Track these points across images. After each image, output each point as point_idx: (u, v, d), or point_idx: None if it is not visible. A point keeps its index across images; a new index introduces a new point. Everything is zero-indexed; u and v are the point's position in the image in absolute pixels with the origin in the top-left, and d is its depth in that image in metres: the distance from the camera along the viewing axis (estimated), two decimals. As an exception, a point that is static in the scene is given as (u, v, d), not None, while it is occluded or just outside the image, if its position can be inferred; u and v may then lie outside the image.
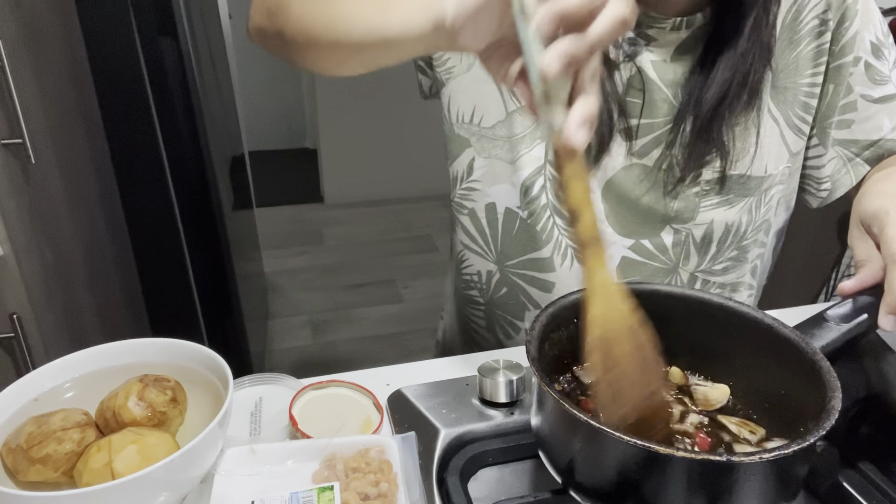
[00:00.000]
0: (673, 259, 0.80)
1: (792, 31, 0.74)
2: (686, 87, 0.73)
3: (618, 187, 0.77)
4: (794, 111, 0.76)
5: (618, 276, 0.79)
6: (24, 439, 0.52)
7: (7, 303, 1.06)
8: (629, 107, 0.74)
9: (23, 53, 1.10)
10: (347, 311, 2.69)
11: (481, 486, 0.62)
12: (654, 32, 0.73)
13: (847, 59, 0.75)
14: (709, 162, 0.75)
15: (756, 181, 0.77)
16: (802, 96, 0.76)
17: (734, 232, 0.80)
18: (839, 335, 0.56)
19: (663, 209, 0.77)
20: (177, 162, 1.51)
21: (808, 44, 0.74)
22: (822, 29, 0.74)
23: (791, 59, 0.74)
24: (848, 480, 0.56)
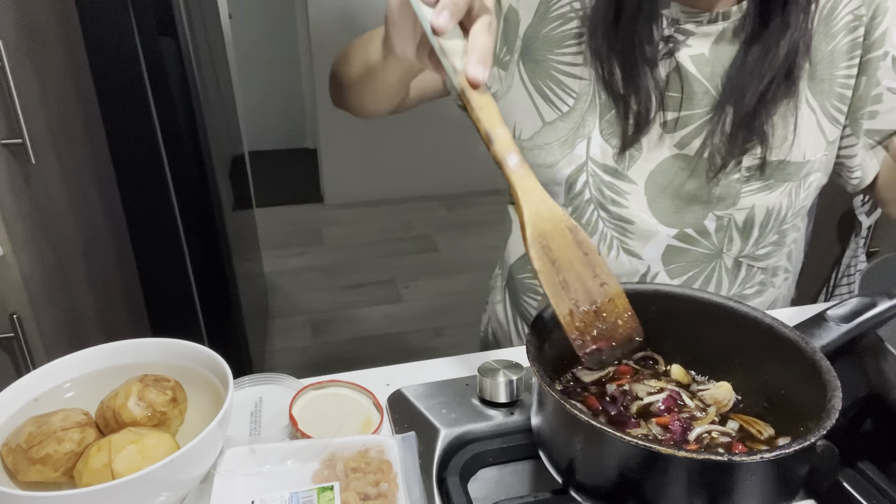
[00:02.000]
0: (717, 244, 0.82)
1: (827, 25, 0.77)
2: (726, 79, 0.76)
3: (660, 178, 0.79)
4: (830, 102, 0.79)
5: (661, 262, 0.82)
6: (24, 439, 0.52)
7: (7, 303, 1.06)
8: (669, 100, 0.77)
9: (23, 53, 1.10)
10: (347, 311, 2.69)
11: (481, 486, 0.62)
12: (691, 27, 0.75)
13: (878, 54, 0.77)
14: (749, 149, 0.77)
15: (795, 167, 0.79)
16: (838, 87, 0.79)
17: (775, 216, 0.82)
18: (839, 335, 0.56)
19: (706, 196, 0.79)
20: (177, 162, 1.51)
21: (843, 38, 0.77)
22: (856, 24, 0.77)
23: (827, 51, 0.77)
24: (848, 480, 0.56)
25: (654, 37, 0.75)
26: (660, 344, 0.64)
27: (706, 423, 0.57)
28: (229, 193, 1.88)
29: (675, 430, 0.56)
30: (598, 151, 0.79)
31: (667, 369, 0.64)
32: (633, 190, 0.80)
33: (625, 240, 0.81)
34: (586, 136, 0.79)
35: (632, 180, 0.79)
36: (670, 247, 0.81)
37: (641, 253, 0.81)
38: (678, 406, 0.59)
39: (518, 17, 0.80)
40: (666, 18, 0.76)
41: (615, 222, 0.81)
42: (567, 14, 0.79)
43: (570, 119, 0.80)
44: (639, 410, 0.59)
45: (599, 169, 0.80)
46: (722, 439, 0.55)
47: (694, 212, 0.80)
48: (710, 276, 0.83)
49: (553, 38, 0.79)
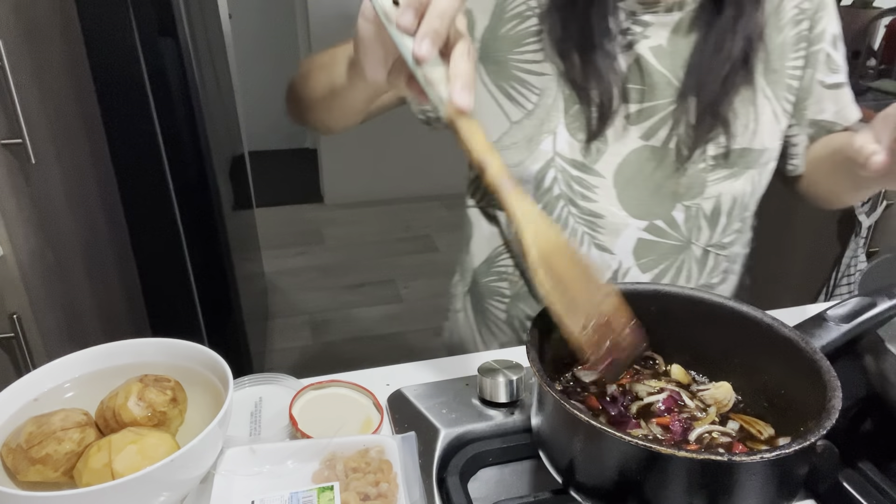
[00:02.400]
0: (685, 235, 0.83)
1: (777, 17, 0.80)
2: (686, 69, 0.77)
3: (628, 170, 0.80)
4: (782, 92, 0.82)
5: (633, 256, 0.82)
6: (24, 439, 0.52)
7: (7, 303, 1.06)
8: (631, 92, 0.78)
9: (23, 53, 1.10)
10: (347, 311, 2.69)
11: (481, 486, 0.62)
12: (648, 18, 0.77)
13: (818, 47, 0.82)
14: (713, 138, 0.78)
15: (757, 154, 0.81)
16: (787, 78, 0.82)
17: (740, 203, 0.83)
18: (839, 335, 0.56)
19: (673, 187, 0.80)
20: (177, 162, 1.50)
21: (791, 30, 0.81)
22: (801, 17, 0.81)
23: (778, 43, 0.80)
24: (848, 480, 0.56)
25: (612, 29, 0.77)
26: (660, 344, 0.64)
27: (706, 423, 0.57)
28: (229, 193, 1.88)
29: (675, 431, 0.56)
30: (564, 146, 0.79)
31: (667, 369, 0.64)
32: (601, 184, 0.80)
33: (595, 235, 0.82)
34: (552, 131, 0.79)
35: (600, 174, 0.80)
36: (641, 240, 0.82)
37: (612, 247, 0.82)
38: (678, 406, 0.59)
39: (473, 20, 0.79)
40: (623, 11, 0.77)
41: (585, 217, 0.81)
42: (524, 13, 0.78)
43: (535, 116, 0.80)
44: (639, 410, 0.59)
45: (567, 164, 0.80)
46: (722, 439, 0.55)
47: (663, 203, 0.81)
48: (680, 268, 0.84)
49: (512, 37, 0.79)
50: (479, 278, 0.94)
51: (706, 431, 0.56)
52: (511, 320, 0.92)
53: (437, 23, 0.50)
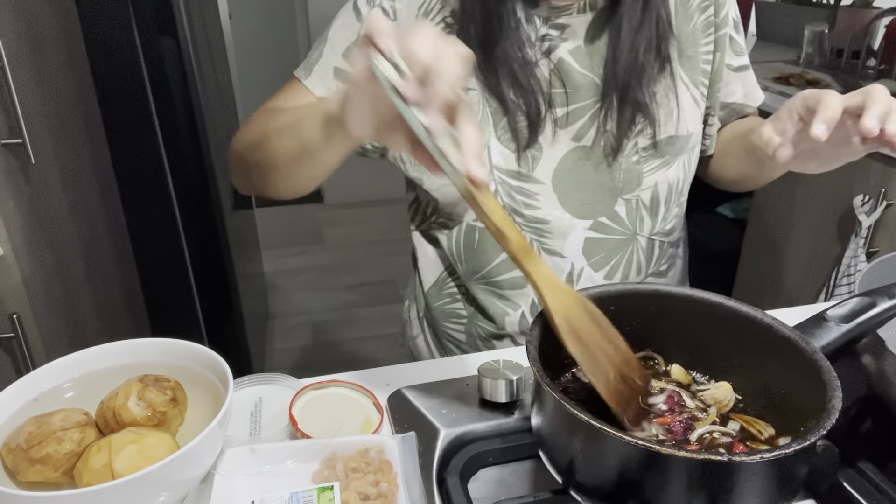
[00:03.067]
0: (630, 227, 0.85)
1: (684, 6, 0.83)
2: (604, 66, 0.79)
3: (565, 173, 0.81)
4: (697, 77, 0.85)
5: (583, 256, 0.84)
6: (24, 439, 0.52)
7: (7, 303, 1.06)
8: (556, 98, 0.80)
9: (23, 53, 1.10)
10: (347, 311, 2.69)
11: (481, 486, 0.62)
12: (563, 20, 0.78)
13: (723, 31, 0.85)
14: (640, 130, 0.81)
15: (683, 140, 0.84)
16: (701, 63, 0.85)
17: (676, 189, 0.86)
18: (839, 335, 0.56)
19: (611, 183, 0.82)
20: (177, 162, 1.51)
21: (699, 16, 0.84)
22: (707, 4, 0.84)
23: (689, 30, 0.83)
24: (848, 480, 0.56)
25: (531, 37, 0.78)
26: (660, 344, 0.64)
27: (707, 423, 0.57)
28: (229, 193, 1.88)
29: (676, 431, 0.56)
30: (500, 158, 0.80)
31: (667, 369, 0.64)
32: (541, 190, 0.81)
33: (544, 240, 0.83)
34: (485, 145, 0.79)
35: (538, 180, 0.81)
36: (588, 239, 0.83)
37: (562, 250, 0.83)
38: (679, 406, 0.59)
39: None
40: (538, 17, 0.78)
41: (531, 225, 0.82)
42: (443, 30, 0.78)
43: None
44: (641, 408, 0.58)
45: (505, 175, 0.80)
46: (723, 440, 0.55)
47: (604, 200, 0.82)
48: (630, 261, 0.86)
49: None
50: (431, 302, 0.95)
51: (707, 432, 0.56)
52: (472, 340, 0.93)
53: (448, 93, 0.48)
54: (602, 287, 0.62)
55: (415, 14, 0.79)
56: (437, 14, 0.79)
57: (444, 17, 0.79)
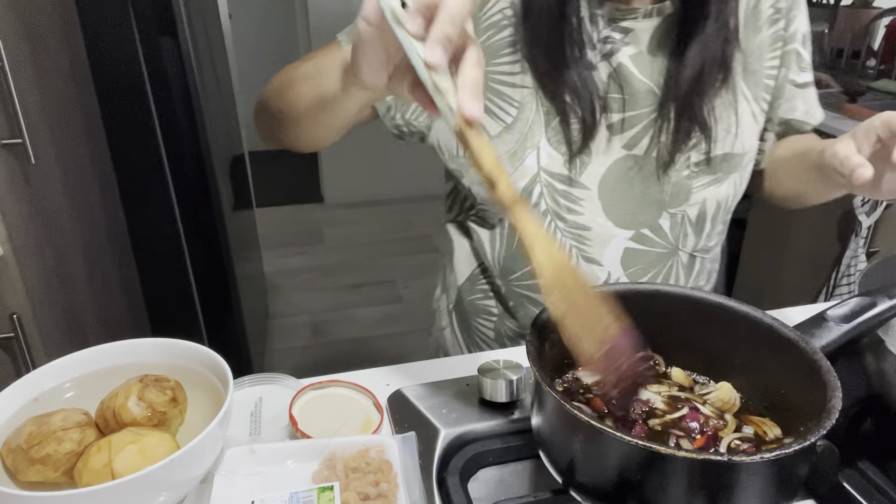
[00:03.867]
0: (672, 242, 0.83)
1: (755, 17, 0.80)
2: (666, 75, 0.76)
3: (612, 181, 0.79)
4: (760, 92, 0.82)
5: (621, 266, 0.82)
6: (24, 439, 0.52)
7: (7, 303, 1.06)
8: (612, 103, 0.77)
9: (23, 53, 1.10)
10: (347, 311, 2.69)
11: (481, 486, 0.62)
12: (628, 24, 0.76)
13: (791, 46, 0.82)
14: (695, 144, 0.78)
15: (738, 157, 0.81)
16: (765, 78, 0.82)
17: (724, 207, 0.84)
18: (839, 335, 0.56)
19: (658, 195, 0.80)
20: (177, 162, 1.51)
21: (767, 29, 0.81)
22: (777, 16, 0.81)
23: (756, 43, 0.80)
24: (848, 480, 0.56)
25: (592, 39, 0.75)
26: (660, 344, 0.64)
27: (730, 432, 0.56)
28: (229, 193, 1.88)
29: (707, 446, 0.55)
30: (548, 161, 0.78)
31: (667, 371, 0.64)
32: (586, 196, 0.79)
33: (583, 248, 0.81)
34: (535, 146, 0.77)
35: (585, 186, 0.79)
36: (628, 249, 0.81)
37: (600, 259, 0.81)
38: (703, 417, 0.58)
39: None
40: (602, 18, 0.75)
41: (572, 231, 0.80)
42: (500, 22, 0.76)
43: (516, 130, 0.77)
44: (659, 423, 0.57)
45: (552, 178, 0.78)
46: (744, 446, 0.55)
47: (648, 212, 0.80)
48: (668, 275, 0.84)
49: (488, 48, 0.76)
50: (463, 296, 0.94)
51: (731, 440, 0.55)
52: (500, 338, 0.91)
53: (448, 27, 0.47)
54: (602, 287, 0.62)
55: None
56: (495, 5, 0.76)
57: (503, 9, 0.75)
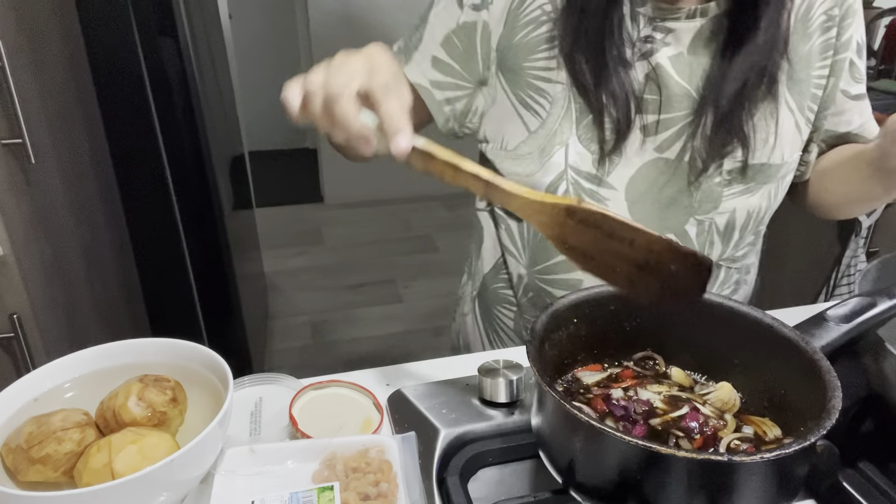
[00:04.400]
0: (698, 249, 0.80)
1: (804, 24, 0.76)
2: (705, 80, 0.74)
3: (641, 182, 0.78)
4: (806, 102, 0.79)
5: None
6: (24, 439, 0.52)
7: (7, 303, 1.06)
8: (647, 104, 0.75)
9: (23, 53, 1.10)
10: (347, 311, 2.69)
11: (481, 486, 0.62)
12: (670, 23, 0.73)
13: (844, 56, 0.78)
14: (730, 152, 0.76)
15: (775, 168, 0.78)
16: (813, 88, 0.78)
17: (755, 218, 0.81)
18: (839, 335, 0.56)
19: (687, 201, 0.78)
20: (177, 162, 1.51)
21: (818, 38, 0.77)
22: (829, 24, 0.77)
23: (804, 51, 0.77)
24: (848, 480, 0.56)
25: (631, 37, 0.73)
26: (660, 344, 0.64)
27: (730, 432, 0.56)
28: (229, 193, 1.88)
29: (707, 446, 0.55)
30: (576, 158, 0.77)
31: (667, 371, 0.64)
32: (613, 196, 0.78)
33: None
34: (564, 142, 0.76)
35: (612, 186, 0.77)
36: None
37: None
38: (703, 417, 0.58)
39: (489, 30, 0.77)
40: (643, 17, 0.73)
41: None
42: (539, 18, 0.75)
43: (547, 126, 0.77)
44: (660, 422, 0.57)
45: (580, 176, 0.77)
46: (743, 446, 0.55)
47: (675, 216, 0.79)
48: None
49: (526, 44, 0.76)
50: (488, 283, 0.93)
51: (731, 440, 0.55)
52: (519, 330, 0.91)
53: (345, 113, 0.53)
54: (602, 287, 0.62)
55: (510, 2, 0.75)
56: (533, 2, 0.75)
57: (542, 4, 0.75)
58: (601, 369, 0.64)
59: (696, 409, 0.58)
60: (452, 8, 0.78)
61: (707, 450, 0.54)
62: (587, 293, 0.61)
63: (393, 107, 0.54)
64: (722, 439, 0.55)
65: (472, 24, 0.77)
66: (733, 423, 0.57)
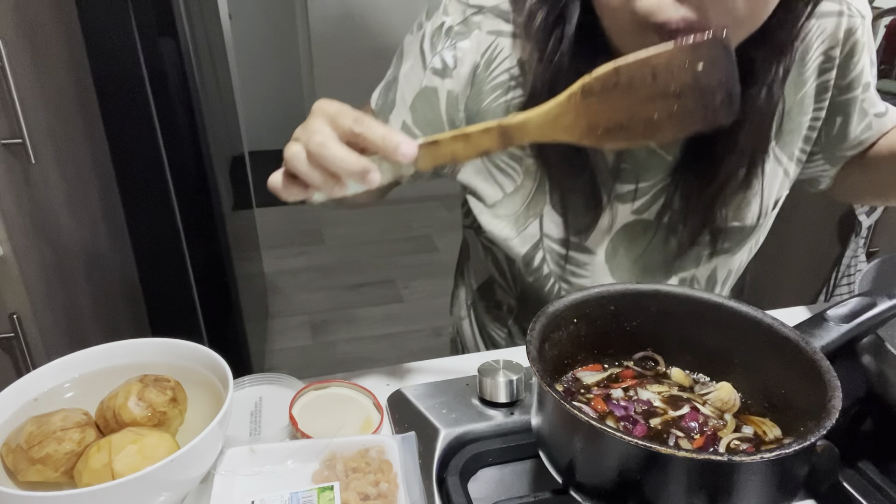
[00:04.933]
0: None
1: (799, 70, 0.72)
2: (683, 148, 0.72)
3: (619, 245, 0.77)
4: (797, 147, 0.76)
5: None
6: (24, 439, 0.52)
7: (7, 303, 1.06)
8: (623, 173, 0.74)
9: (23, 53, 1.10)
10: (347, 311, 2.69)
11: (481, 486, 0.62)
12: None
13: (856, 93, 0.74)
14: (710, 215, 0.74)
15: (755, 228, 0.77)
16: (805, 131, 0.75)
17: (736, 271, 0.82)
18: (839, 335, 0.56)
19: (667, 260, 0.78)
20: (177, 162, 1.50)
21: (814, 81, 0.73)
22: (828, 65, 0.72)
23: (798, 99, 0.73)
24: (848, 480, 0.56)
25: None
26: (660, 344, 0.64)
27: (730, 432, 0.56)
28: (229, 193, 1.88)
29: (706, 446, 0.55)
30: (552, 227, 0.75)
31: (667, 371, 0.64)
32: (591, 260, 0.77)
33: None
34: (538, 214, 0.75)
35: (590, 251, 0.76)
36: None
37: None
38: (703, 417, 0.58)
39: (455, 97, 0.73)
40: None
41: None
42: (507, 83, 0.72)
43: (521, 194, 0.75)
44: (663, 423, 0.57)
45: (555, 244, 0.76)
46: (743, 446, 0.55)
47: (655, 275, 0.78)
48: None
49: (494, 110, 0.73)
50: (477, 300, 0.93)
51: (731, 440, 0.55)
52: (513, 337, 0.91)
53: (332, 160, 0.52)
54: (602, 287, 0.62)
55: (477, 62, 0.71)
56: (501, 64, 0.71)
57: (509, 68, 0.71)
58: (601, 369, 0.64)
59: (696, 408, 0.58)
60: (417, 69, 0.73)
61: (707, 450, 0.54)
62: (587, 293, 0.61)
63: (378, 128, 0.52)
64: (721, 439, 0.55)
65: (433, 91, 0.73)
66: (733, 423, 0.57)
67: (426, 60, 0.72)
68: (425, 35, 0.72)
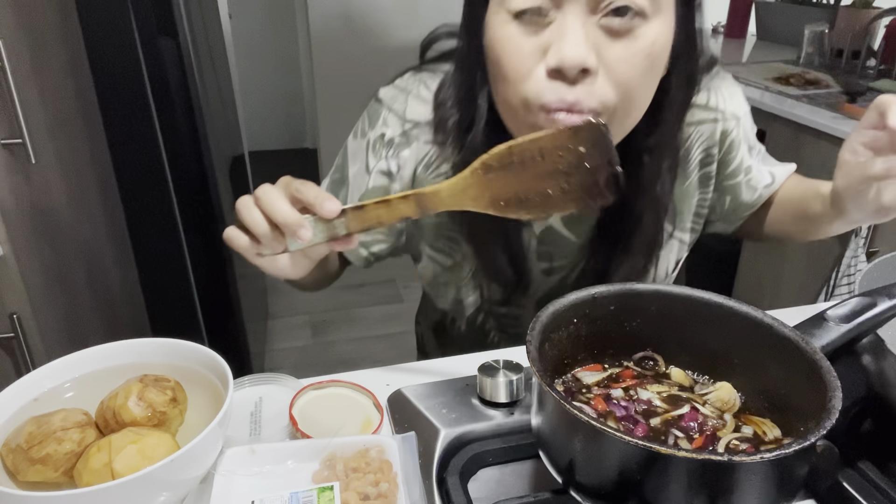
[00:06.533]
0: None
1: (683, 166, 0.82)
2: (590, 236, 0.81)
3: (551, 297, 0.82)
4: (689, 221, 0.86)
5: None
6: (24, 439, 0.52)
7: (7, 303, 1.06)
8: (542, 255, 0.83)
9: (23, 53, 1.10)
10: (347, 311, 2.69)
11: (481, 486, 0.62)
12: None
13: (740, 178, 0.85)
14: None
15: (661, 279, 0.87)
16: (695, 208, 0.85)
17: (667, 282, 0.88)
18: (839, 335, 0.56)
19: None
20: (177, 162, 1.50)
21: (697, 173, 0.83)
22: (709, 160, 0.83)
23: (683, 188, 0.83)
24: (848, 480, 0.56)
25: None
26: (660, 344, 0.64)
27: (729, 431, 0.56)
28: (229, 193, 1.88)
29: (705, 446, 0.55)
30: (489, 292, 0.86)
31: (667, 371, 0.64)
32: (526, 312, 0.86)
33: None
34: (477, 286, 0.85)
35: (523, 305, 0.86)
36: None
37: None
38: (702, 416, 0.58)
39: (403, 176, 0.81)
40: None
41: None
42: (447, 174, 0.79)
43: (461, 270, 0.84)
44: (663, 422, 0.57)
45: (494, 304, 0.86)
46: (742, 446, 0.55)
47: None
48: None
49: None
50: (436, 334, 0.99)
51: (730, 440, 0.55)
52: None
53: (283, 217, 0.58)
54: (602, 287, 0.62)
55: (417, 166, 0.80)
56: (436, 169, 0.79)
57: (444, 172, 0.79)
58: (601, 369, 0.64)
59: (696, 408, 0.58)
60: (362, 174, 0.82)
61: (706, 449, 0.54)
62: (587, 293, 0.61)
63: (314, 189, 0.58)
64: (720, 439, 0.55)
65: (382, 189, 0.81)
66: (733, 423, 0.57)
67: (370, 166, 0.81)
68: (369, 143, 0.81)
